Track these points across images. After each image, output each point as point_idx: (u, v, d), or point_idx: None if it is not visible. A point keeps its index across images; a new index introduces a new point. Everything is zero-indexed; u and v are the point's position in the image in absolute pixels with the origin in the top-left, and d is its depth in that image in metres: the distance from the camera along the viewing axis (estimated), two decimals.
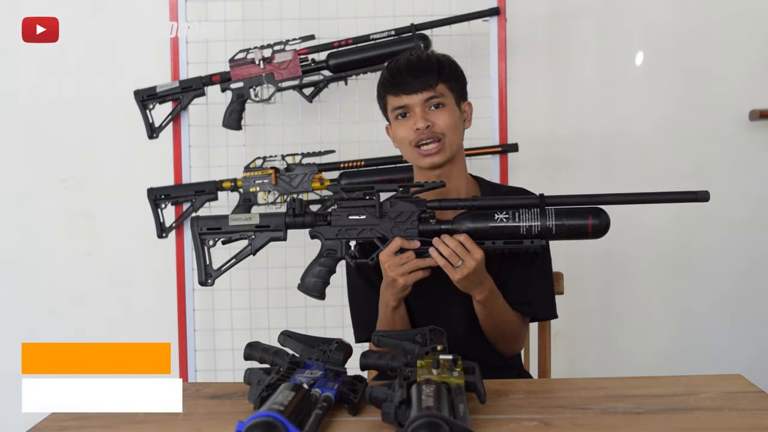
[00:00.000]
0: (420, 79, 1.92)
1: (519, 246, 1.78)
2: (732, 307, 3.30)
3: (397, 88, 1.94)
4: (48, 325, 3.21)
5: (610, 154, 3.22)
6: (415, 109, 1.93)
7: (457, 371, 1.40)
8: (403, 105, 1.94)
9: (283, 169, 2.77)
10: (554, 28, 3.21)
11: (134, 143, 2.98)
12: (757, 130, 3.22)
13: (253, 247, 1.88)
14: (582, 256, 3.20)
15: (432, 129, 1.92)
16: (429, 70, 1.94)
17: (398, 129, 1.97)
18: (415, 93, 1.92)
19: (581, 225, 1.75)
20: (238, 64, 2.77)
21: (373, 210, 1.84)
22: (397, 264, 1.80)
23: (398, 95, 1.94)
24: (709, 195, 1.76)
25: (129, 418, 1.45)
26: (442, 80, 1.94)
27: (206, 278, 1.91)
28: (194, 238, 1.90)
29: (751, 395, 1.51)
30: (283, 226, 1.87)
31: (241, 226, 1.88)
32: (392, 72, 1.97)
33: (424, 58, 1.98)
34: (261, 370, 1.49)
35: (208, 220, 1.90)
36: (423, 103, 1.93)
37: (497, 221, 1.77)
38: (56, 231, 3.22)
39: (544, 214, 1.76)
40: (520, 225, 1.76)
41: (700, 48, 3.22)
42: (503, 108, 2.78)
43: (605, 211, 1.77)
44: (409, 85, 1.92)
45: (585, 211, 1.76)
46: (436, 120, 1.92)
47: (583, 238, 1.77)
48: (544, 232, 1.76)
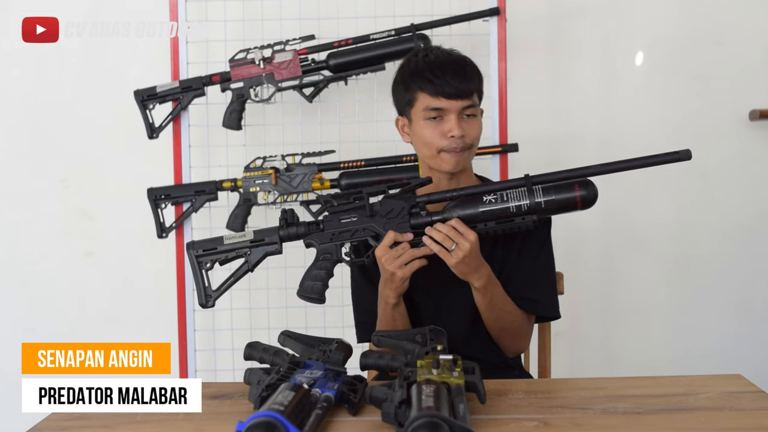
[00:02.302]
0: (464, 85, 1.87)
1: (511, 225, 1.80)
2: (732, 306, 3.29)
3: (437, 88, 1.87)
4: (48, 325, 3.21)
5: (609, 155, 3.15)
6: (450, 115, 1.87)
7: (457, 371, 1.40)
8: (440, 108, 1.88)
9: (283, 169, 2.77)
10: (554, 28, 3.21)
11: (134, 143, 2.99)
12: (758, 130, 3.22)
13: (250, 263, 1.91)
14: (582, 257, 3.21)
15: (464, 139, 1.88)
16: (471, 77, 1.89)
17: (426, 130, 1.90)
18: (456, 99, 1.86)
19: (570, 197, 1.77)
20: (238, 64, 2.77)
21: (363, 211, 1.86)
22: (393, 257, 1.81)
23: (437, 96, 1.87)
24: (691, 153, 1.77)
25: (129, 417, 1.45)
26: (476, 90, 1.91)
27: (206, 300, 1.94)
28: (191, 262, 1.93)
29: (751, 395, 1.51)
30: (277, 239, 1.91)
31: (236, 244, 1.92)
32: (432, 68, 1.89)
33: (466, 61, 1.92)
34: (261, 370, 1.48)
35: (203, 243, 1.94)
36: (460, 111, 1.87)
37: (486, 204, 1.80)
38: (56, 231, 3.22)
39: (532, 192, 1.78)
40: (510, 205, 1.79)
41: (701, 48, 3.22)
42: (503, 108, 2.79)
43: (592, 181, 1.79)
44: (453, 89, 1.86)
45: (572, 184, 1.78)
46: (469, 130, 1.89)
47: (573, 210, 1.79)
48: (534, 208, 1.78)
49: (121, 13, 3.11)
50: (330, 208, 1.89)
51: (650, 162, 1.80)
